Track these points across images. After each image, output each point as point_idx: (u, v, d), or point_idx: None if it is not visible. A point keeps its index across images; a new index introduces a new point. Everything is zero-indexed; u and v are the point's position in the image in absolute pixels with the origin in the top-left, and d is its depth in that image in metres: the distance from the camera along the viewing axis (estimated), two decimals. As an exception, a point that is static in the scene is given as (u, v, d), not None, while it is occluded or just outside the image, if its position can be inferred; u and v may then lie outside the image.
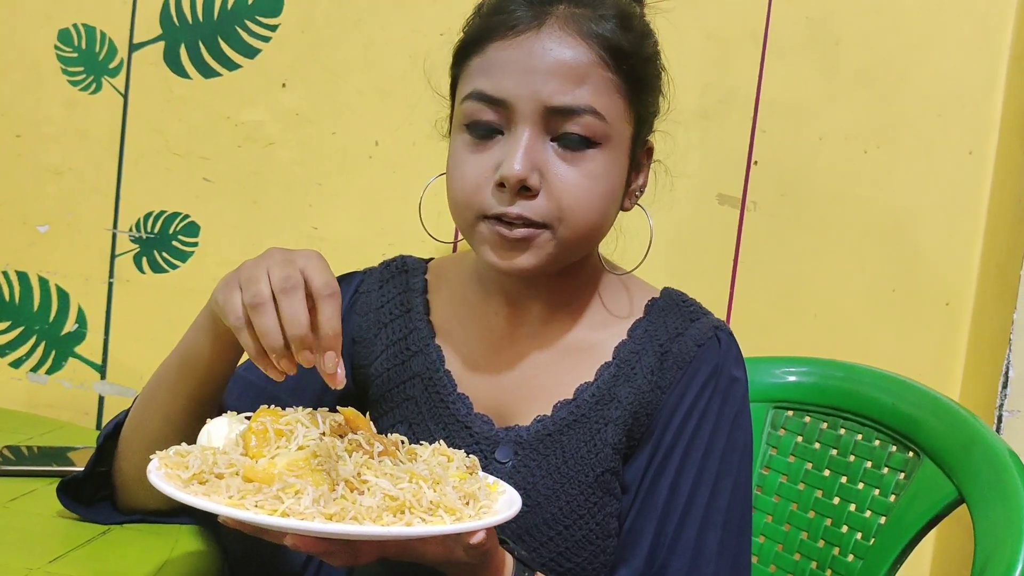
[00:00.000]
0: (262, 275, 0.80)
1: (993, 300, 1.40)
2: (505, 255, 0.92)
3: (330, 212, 1.61)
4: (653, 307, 1.03)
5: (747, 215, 1.50)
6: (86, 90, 1.65)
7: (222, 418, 0.86)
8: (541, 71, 0.90)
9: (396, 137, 1.57)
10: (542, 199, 0.91)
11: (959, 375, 1.47)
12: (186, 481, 0.77)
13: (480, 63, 0.93)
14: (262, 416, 0.82)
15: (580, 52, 0.90)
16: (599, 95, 0.91)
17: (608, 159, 0.93)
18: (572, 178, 0.91)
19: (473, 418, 1.00)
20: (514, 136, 0.91)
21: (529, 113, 0.90)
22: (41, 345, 1.67)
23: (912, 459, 1.12)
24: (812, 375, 1.26)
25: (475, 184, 0.92)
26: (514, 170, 0.89)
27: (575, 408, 0.99)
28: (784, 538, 1.23)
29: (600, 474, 0.97)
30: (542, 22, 0.91)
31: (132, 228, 1.65)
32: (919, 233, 1.47)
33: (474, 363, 1.03)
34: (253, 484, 0.75)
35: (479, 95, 0.92)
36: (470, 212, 0.93)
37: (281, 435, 0.80)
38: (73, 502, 1.00)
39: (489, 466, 0.98)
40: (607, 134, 0.92)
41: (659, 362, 0.99)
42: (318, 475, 0.76)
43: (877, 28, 1.47)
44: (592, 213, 0.93)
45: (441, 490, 0.78)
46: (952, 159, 1.46)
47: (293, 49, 1.59)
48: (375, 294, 1.08)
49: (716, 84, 1.49)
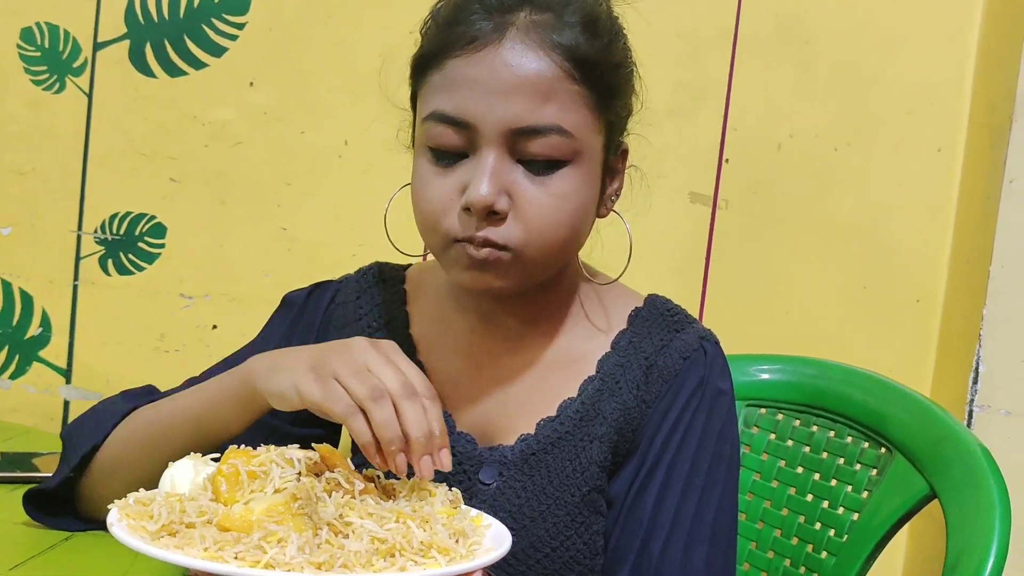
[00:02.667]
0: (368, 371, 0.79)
1: (963, 296, 1.41)
2: (475, 275, 0.89)
3: (299, 212, 1.59)
4: (637, 317, 1.00)
5: (719, 213, 1.50)
6: (49, 89, 1.62)
7: (185, 461, 0.80)
8: (504, 90, 0.85)
9: (366, 136, 1.55)
10: (510, 222, 0.87)
11: (930, 371, 1.47)
12: (154, 533, 0.70)
13: (440, 80, 0.88)
14: (232, 458, 0.76)
15: (543, 65, 0.86)
16: (565, 111, 0.87)
17: (578, 175, 0.89)
18: (540, 200, 0.87)
19: (456, 437, 0.97)
20: (479, 159, 0.87)
21: (494, 135, 0.86)
22: (4, 349, 1.64)
23: (884, 455, 1.12)
24: (785, 372, 1.26)
25: (441, 207, 0.88)
26: (480, 195, 0.85)
27: (559, 425, 0.96)
28: (757, 536, 1.22)
29: (586, 493, 0.94)
30: (502, 34, 0.86)
31: (97, 230, 1.62)
32: (890, 230, 1.47)
33: (455, 380, 1.00)
34: (230, 534, 0.69)
35: (441, 116, 0.87)
36: (438, 236, 0.89)
37: (254, 477, 0.75)
38: (38, 511, 0.98)
39: (473, 487, 0.95)
40: (575, 149, 0.88)
41: (644, 376, 0.96)
42: (299, 520, 0.71)
43: (847, 27, 1.47)
44: (561, 233, 0.89)
45: (431, 529, 0.74)
46: (922, 156, 1.47)
47: (261, 47, 1.58)
48: (352, 305, 1.04)
49: (687, 83, 1.49)
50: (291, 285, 1.07)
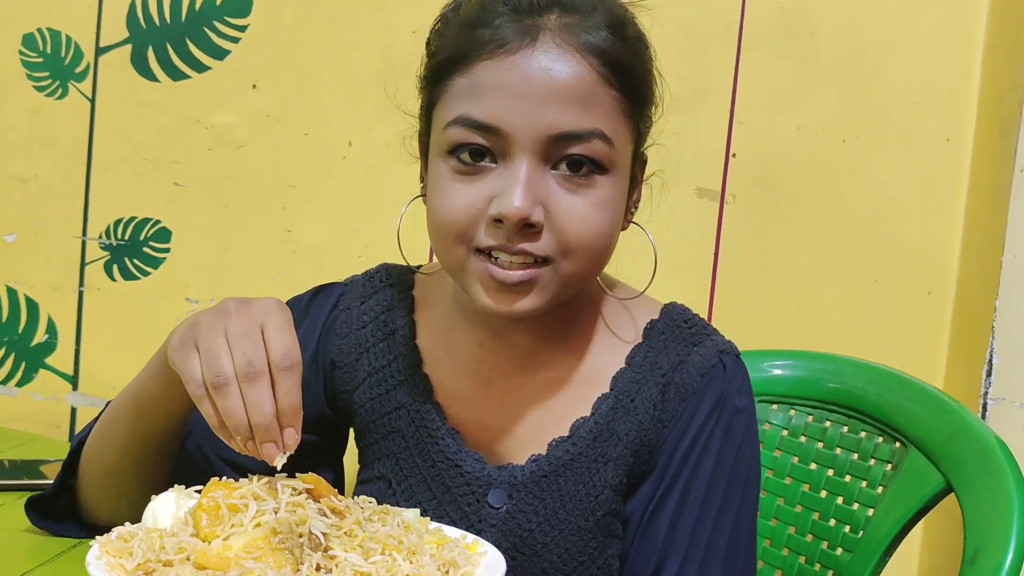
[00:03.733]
0: (222, 346, 0.74)
1: (975, 287, 1.40)
2: (502, 299, 0.83)
3: (304, 214, 1.58)
4: (653, 330, 0.95)
5: (726, 208, 1.49)
6: (52, 95, 1.62)
7: (169, 494, 0.78)
8: (539, 95, 0.80)
9: (369, 137, 1.54)
10: (547, 234, 0.82)
11: (943, 364, 1.46)
12: (130, 572, 0.68)
13: (466, 85, 0.83)
14: (213, 491, 0.73)
15: (582, 70, 0.81)
16: (607, 117, 0.83)
17: (613, 185, 0.85)
18: (579, 209, 0.82)
19: (464, 455, 0.93)
20: (511, 168, 0.81)
21: (528, 142, 0.81)
22: (10, 357, 1.64)
23: (899, 450, 1.11)
24: (796, 368, 1.25)
25: (466, 217, 0.83)
26: (515, 207, 0.79)
27: (571, 446, 0.92)
28: (771, 533, 1.21)
29: (600, 517, 0.91)
30: (535, 37, 0.81)
31: (102, 235, 1.62)
32: (899, 222, 1.46)
33: (463, 396, 0.95)
34: (206, 572, 0.67)
35: (468, 121, 0.82)
36: (460, 247, 0.84)
37: (236, 511, 0.72)
38: (42, 518, 0.97)
39: (482, 510, 0.92)
40: (613, 159, 0.84)
41: (661, 394, 0.92)
42: (279, 555, 0.68)
43: (852, 17, 1.46)
44: (599, 244, 0.85)
45: (418, 561, 0.71)
46: (930, 147, 1.45)
47: (263, 50, 1.57)
48: (356, 311, 0.99)
49: (692, 76, 1.48)
50: (297, 287, 1.06)
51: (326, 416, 1.00)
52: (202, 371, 0.74)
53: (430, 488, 0.94)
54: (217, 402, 0.74)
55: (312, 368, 0.98)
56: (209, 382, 0.74)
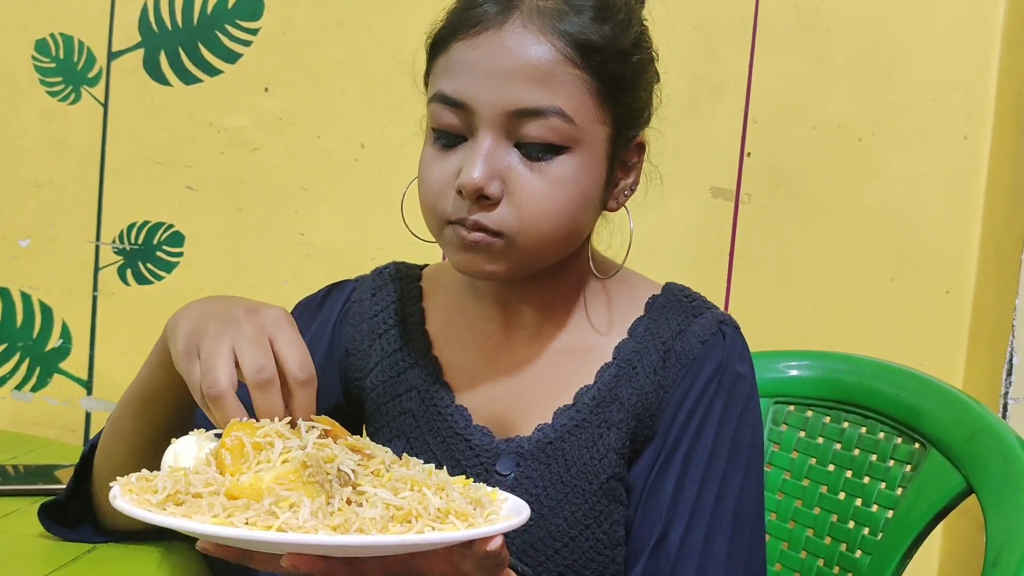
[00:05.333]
0: (221, 356, 0.75)
1: (994, 286, 1.38)
2: (468, 258, 0.88)
3: (317, 217, 1.58)
4: (654, 304, 0.99)
5: (742, 208, 1.48)
6: (65, 100, 1.62)
7: (188, 437, 0.77)
8: (502, 72, 0.85)
9: (382, 139, 1.54)
10: (503, 207, 0.87)
11: (962, 364, 1.45)
12: (159, 504, 0.68)
13: (444, 63, 0.89)
14: (235, 430, 0.73)
15: (543, 50, 0.85)
16: (566, 95, 0.86)
17: (577, 163, 0.88)
18: (535, 185, 0.87)
19: (472, 430, 0.96)
20: (475, 142, 0.87)
21: (490, 117, 0.86)
22: (25, 362, 1.64)
23: (918, 451, 1.10)
24: (814, 368, 1.23)
25: (439, 189, 0.89)
26: (472, 178, 0.85)
27: (575, 413, 0.95)
28: (789, 536, 1.20)
29: (604, 481, 0.93)
30: (505, 19, 0.86)
31: (115, 239, 1.62)
32: (917, 221, 1.45)
33: (471, 373, 0.99)
34: (240, 500, 0.67)
35: (442, 98, 0.88)
36: (435, 218, 0.90)
37: (260, 449, 0.72)
38: (55, 524, 0.97)
39: (490, 479, 0.94)
40: (575, 137, 0.87)
41: (662, 361, 0.95)
42: (311, 487, 0.69)
43: (867, 14, 1.45)
44: (556, 221, 0.88)
45: (447, 496, 0.72)
46: (947, 145, 1.44)
47: (275, 52, 1.57)
48: (368, 303, 1.04)
49: (706, 75, 1.47)
50: (310, 290, 1.06)
51: (342, 408, 1.03)
52: (203, 381, 0.75)
53: (440, 465, 0.95)
54: (214, 412, 0.75)
55: (328, 359, 1.02)
56: (205, 392, 0.75)
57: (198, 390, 0.76)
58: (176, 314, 0.84)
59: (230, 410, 0.74)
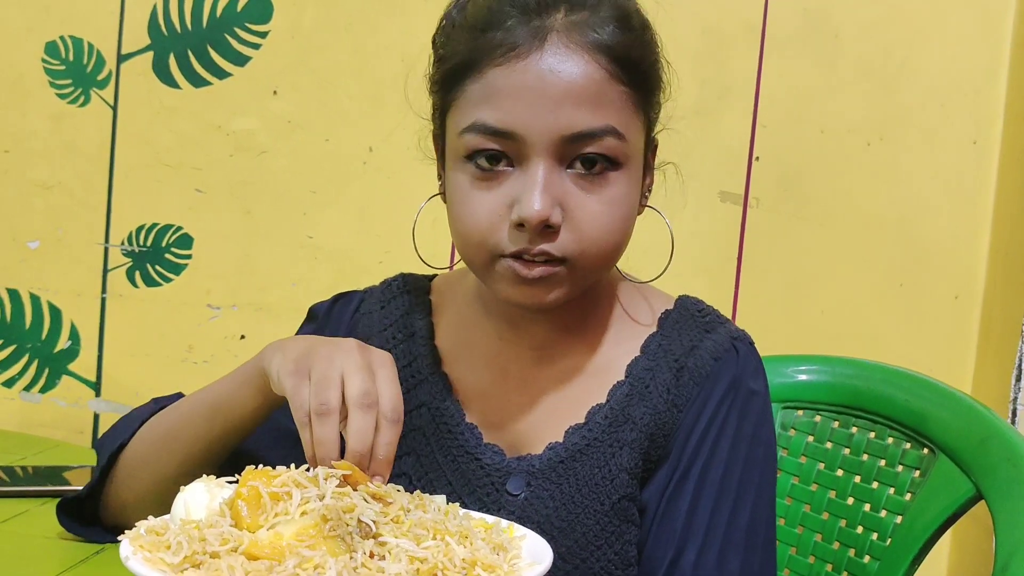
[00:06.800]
0: (335, 379, 0.76)
1: (1003, 292, 1.38)
2: (527, 292, 0.86)
3: (325, 220, 1.58)
4: (667, 320, 0.97)
5: (750, 212, 1.47)
6: (74, 103, 1.62)
7: (198, 483, 0.75)
8: (551, 97, 0.82)
9: (390, 142, 1.54)
10: (564, 233, 0.84)
11: (971, 369, 1.44)
12: (176, 566, 0.65)
13: (479, 91, 0.84)
14: (251, 479, 0.70)
15: (590, 69, 0.83)
16: (616, 112, 0.84)
17: (627, 179, 0.87)
18: (594, 208, 0.85)
19: (483, 449, 0.95)
20: (528, 171, 0.84)
21: (543, 146, 0.83)
22: (34, 363, 1.64)
23: (927, 456, 1.10)
24: (822, 373, 1.23)
25: (488, 223, 0.85)
26: (534, 210, 0.82)
27: (587, 432, 0.93)
28: (797, 541, 1.20)
29: (616, 501, 0.92)
30: (543, 39, 0.83)
31: (124, 242, 1.62)
32: (925, 225, 1.44)
33: (482, 390, 0.97)
34: (261, 562, 0.64)
35: (483, 128, 0.84)
36: (484, 252, 0.86)
37: (277, 499, 0.69)
38: (72, 521, 0.97)
39: (501, 498, 0.93)
40: (626, 152, 0.86)
41: (675, 378, 0.93)
42: (333, 543, 0.66)
43: (876, 18, 1.44)
44: (613, 239, 0.87)
45: (471, 544, 0.70)
46: (956, 149, 1.44)
47: (283, 56, 1.57)
48: (376, 315, 1.02)
49: (714, 79, 1.47)
50: (318, 294, 1.06)
51: None
52: (312, 400, 0.76)
53: (450, 483, 0.95)
54: (315, 428, 0.75)
55: None
56: (314, 409, 0.75)
57: (303, 408, 0.76)
58: (278, 341, 0.86)
59: (330, 429, 0.75)
